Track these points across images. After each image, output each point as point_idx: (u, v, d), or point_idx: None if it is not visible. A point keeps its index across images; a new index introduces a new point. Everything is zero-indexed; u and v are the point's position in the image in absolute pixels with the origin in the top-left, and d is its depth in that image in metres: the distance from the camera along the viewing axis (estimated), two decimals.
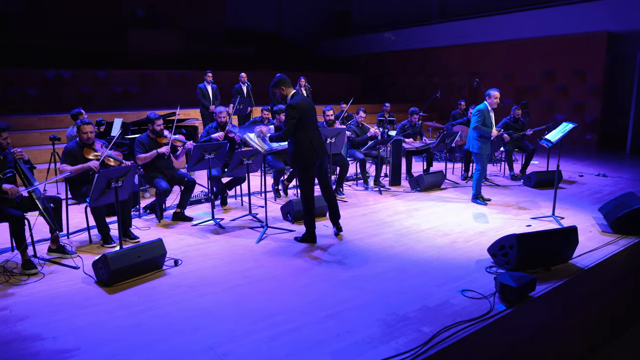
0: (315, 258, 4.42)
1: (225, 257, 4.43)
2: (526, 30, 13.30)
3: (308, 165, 4.61)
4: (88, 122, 4.80)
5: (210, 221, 5.46)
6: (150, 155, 5.36)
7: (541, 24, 12.98)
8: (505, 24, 13.84)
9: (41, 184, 4.32)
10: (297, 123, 4.51)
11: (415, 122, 8.22)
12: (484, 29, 14.40)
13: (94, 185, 4.04)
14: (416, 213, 6.01)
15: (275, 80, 4.66)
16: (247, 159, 5.38)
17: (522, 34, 13.43)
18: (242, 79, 10.18)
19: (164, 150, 5.41)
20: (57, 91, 11.17)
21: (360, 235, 5.12)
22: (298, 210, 5.49)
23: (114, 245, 4.71)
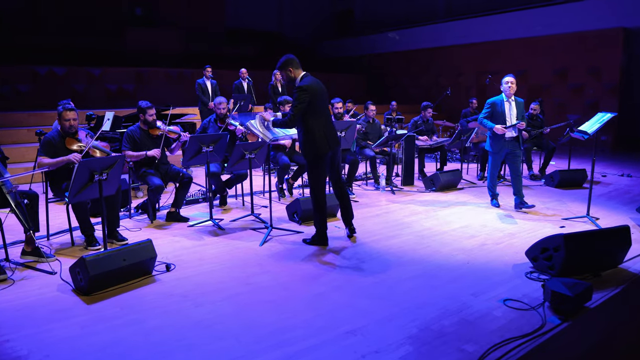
0: (328, 263, 3.86)
1: (225, 262, 3.87)
2: (538, 27, 12.83)
3: (319, 156, 4.06)
4: (71, 107, 4.26)
5: (208, 222, 4.90)
6: (138, 156, 4.81)
7: (553, 21, 12.51)
8: (516, 22, 13.37)
9: (13, 177, 3.76)
10: (308, 108, 3.97)
11: (428, 118, 7.69)
12: (494, 27, 13.94)
13: (74, 178, 3.49)
14: (435, 213, 5.46)
15: (282, 61, 4.13)
16: (249, 153, 4.83)
17: (534, 32, 12.96)
18: (243, 74, 9.66)
19: (153, 154, 4.84)
20: (49, 88, 10.64)
21: (377, 236, 4.56)
22: (306, 210, 4.94)
23: (98, 247, 4.15)
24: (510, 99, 5.41)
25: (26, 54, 11.73)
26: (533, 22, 12.91)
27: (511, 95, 5.39)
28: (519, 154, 5.53)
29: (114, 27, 13.80)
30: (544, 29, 12.69)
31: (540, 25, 12.77)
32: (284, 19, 20.17)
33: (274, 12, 20.00)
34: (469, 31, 14.69)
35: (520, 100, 5.50)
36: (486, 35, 14.25)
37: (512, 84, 5.34)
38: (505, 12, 13.67)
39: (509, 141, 5.44)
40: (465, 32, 14.80)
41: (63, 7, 13.31)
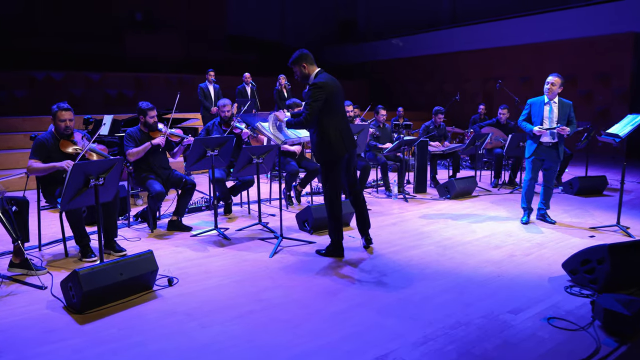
0: (346, 276, 3.52)
1: (233, 275, 3.52)
2: (545, 33, 12.61)
3: (335, 159, 3.74)
4: (67, 107, 3.94)
5: (213, 231, 4.56)
6: (144, 149, 4.49)
7: (561, 26, 12.30)
8: (522, 27, 13.17)
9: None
10: (323, 107, 3.66)
11: (440, 123, 7.39)
12: (500, 32, 13.73)
13: (67, 182, 3.16)
14: (454, 223, 5.13)
15: (296, 56, 3.82)
16: (257, 157, 4.51)
17: (541, 37, 12.74)
18: (246, 79, 9.37)
19: (158, 142, 4.54)
20: (47, 93, 10.33)
21: (395, 247, 4.22)
22: (318, 219, 4.60)
23: (94, 259, 3.81)
24: (552, 100, 4.80)
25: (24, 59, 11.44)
26: (540, 28, 12.70)
27: (553, 96, 4.78)
28: (557, 165, 4.91)
29: (114, 32, 13.55)
30: (551, 34, 12.48)
31: (547, 30, 12.56)
32: (286, 28, 19.99)
33: (276, 20, 19.82)
34: (474, 37, 14.49)
35: (567, 102, 4.84)
36: (492, 41, 14.04)
37: (553, 84, 4.72)
38: (512, 18, 13.47)
39: (546, 148, 4.82)
40: (470, 38, 14.60)
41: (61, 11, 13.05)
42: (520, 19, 13.28)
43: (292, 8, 19.94)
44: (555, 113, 4.78)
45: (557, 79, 4.74)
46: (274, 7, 19.56)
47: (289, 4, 19.87)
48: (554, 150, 4.84)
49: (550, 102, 4.81)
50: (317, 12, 20.29)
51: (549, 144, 4.83)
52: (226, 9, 17.51)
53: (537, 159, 4.90)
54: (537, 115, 4.82)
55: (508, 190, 7.01)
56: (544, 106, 4.81)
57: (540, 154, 4.86)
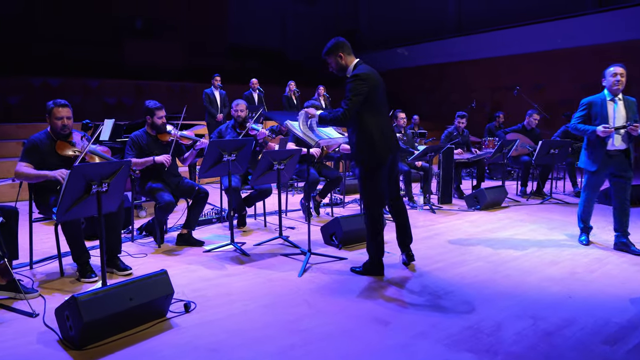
0: (394, 299, 2.98)
1: (260, 298, 2.98)
2: (558, 40, 12.29)
3: (379, 163, 3.24)
4: (64, 103, 3.42)
5: (229, 246, 4.03)
6: (144, 163, 3.96)
7: (575, 34, 11.99)
8: (532, 35, 12.86)
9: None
10: (365, 102, 3.17)
11: (462, 128, 6.93)
12: (509, 41, 13.41)
13: (65, 188, 2.63)
14: (494, 235, 4.62)
15: (331, 44, 3.35)
16: (278, 163, 4.00)
17: (553, 45, 12.42)
18: (253, 85, 8.92)
19: (162, 160, 3.99)
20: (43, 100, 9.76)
21: (439, 263, 3.70)
22: (348, 232, 4.08)
23: (94, 279, 3.26)
24: (616, 96, 3.96)
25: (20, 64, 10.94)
26: (551, 35, 12.39)
27: (618, 91, 3.94)
28: (630, 176, 3.97)
29: (113, 38, 13.10)
30: (564, 42, 12.16)
31: (560, 38, 12.24)
32: (287, 37, 19.68)
33: (277, 29, 19.51)
34: (481, 46, 14.18)
35: (632, 100, 4.02)
36: (500, 50, 13.73)
37: (622, 76, 3.89)
38: (521, 26, 13.16)
39: (614, 156, 3.94)
40: (477, 46, 14.28)
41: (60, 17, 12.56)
42: (530, 27, 12.98)
43: (293, 17, 19.66)
44: (622, 112, 3.92)
45: (624, 69, 3.97)
46: (275, 16, 19.27)
47: (289, 13, 19.60)
48: (625, 159, 3.96)
49: (615, 99, 3.97)
50: (318, 22, 20.01)
51: (618, 152, 3.94)
52: (227, 17, 17.20)
53: (604, 171, 4.01)
54: (600, 116, 3.94)
55: (537, 200, 6.53)
56: (607, 104, 3.96)
57: (609, 163, 3.97)
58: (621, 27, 11.27)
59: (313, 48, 19.46)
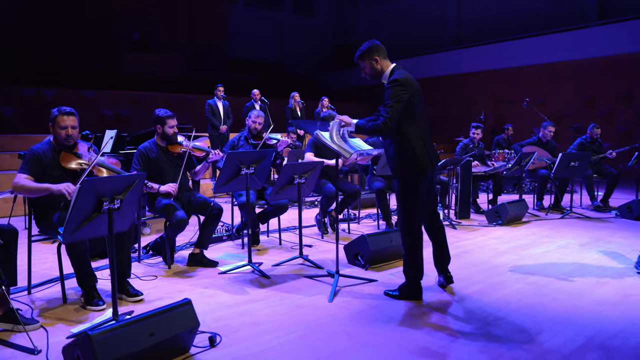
0: (442, 327, 2.68)
1: (292, 328, 2.65)
2: (560, 53, 12.22)
3: (419, 176, 2.96)
4: (69, 111, 3.11)
5: (246, 267, 3.70)
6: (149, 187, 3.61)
7: (577, 46, 11.93)
8: (535, 48, 12.79)
9: None
10: (404, 110, 2.90)
11: (478, 140, 6.70)
12: (511, 53, 13.34)
13: (74, 205, 2.31)
14: (526, 252, 4.34)
15: (365, 47, 3.09)
16: (299, 176, 3.71)
17: (556, 58, 12.35)
18: (255, 96, 8.63)
19: (168, 190, 3.64)
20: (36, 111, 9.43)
21: (477, 285, 3.41)
22: (375, 250, 3.78)
23: (102, 307, 2.91)
24: None
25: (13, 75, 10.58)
26: (555, 48, 12.32)
27: None
28: None
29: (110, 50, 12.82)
30: (566, 54, 12.09)
31: (562, 50, 12.17)
32: (285, 50, 19.55)
33: (275, 42, 19.37)
34: (481, 58, 14.09)
35: None
36: (501, 62, 13.65)
37: None
38: (523, 38, 13.12)
39: None
40: (477, 59, 14.20)
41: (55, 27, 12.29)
42: (532, 39, 12.93)
43: (291, 30, 19.56)
44: None
45: None
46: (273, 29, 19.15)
47: (287, 26, 19.51)
48: None
49: None
50: (316, 35, 19.94)
51: None
52: (226, 31, 17.06)
53: None
54: None
55: (557, 214, 6.28)
56: None
57: None
58: (624, 39, 11.22)
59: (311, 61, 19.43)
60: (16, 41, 11.56)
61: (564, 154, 6.15)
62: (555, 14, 13.14)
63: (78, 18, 12.28)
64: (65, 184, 2.90)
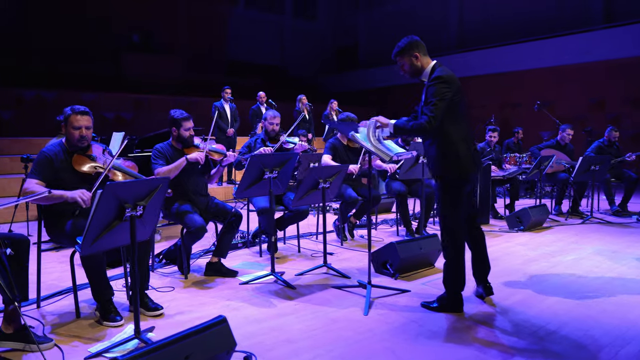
0: (492, 343, 2.47)
1: (329, 344, 2.44)
2: (567, 56, 12.11)
3: (462, 179, 2.77)
4: (84, 110, 2.89)
5: (269, 276, 3.48)
6: (177, 167, 3.42)
7: (583, 49, 11.83)
8: (540, 51, 12.68)
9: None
10: (447, 109, 2.71)
11: (494, 143, 6.52)
12: (516, 57, 13.23)
13: (93, 214, 2.10)
14: (556, 260, 4.15)
15: (404, 44, 2.89)
16: (323, 181, 3.50)
17: (561, 61, 12.24)
18: (261, 98, 8.43)
19: (196, 157, 3.47)
20: (35, 114, 9.20)
21: (516, 295, 3.20)
22: (406, 259, 3.57)
23: (120, 322, 2.68)
24: None
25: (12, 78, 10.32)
26: (562, 51, 12.21)
27: None
28: None
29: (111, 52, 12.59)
30: (575, 57, 11.98)
31: (569, 53, 12.07)
32: (286, 53, 19.38)
33: (276, 45, 19.21)
34: (486, 62, 13.98)
35: None
36: (506, 65, 13.53)
37: None
38: (528, 42, 13.00)
39: None
40: (482, 62, 14.08)
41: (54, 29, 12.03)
42: (537, 43, 12.82)
43: (292, 33, 19.40)
44: None
45: None
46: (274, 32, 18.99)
47: (288, 29, 19.34)
48: None
49: None
50: (317, 38, 19.80)
51: None
52: (226, 34, 16.88)
53: None
54: None
55: (576, 219, 6.10)
56: None
57: None
58: (629, 42, 11.14)
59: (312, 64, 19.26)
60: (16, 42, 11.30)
61: (584, 157, 5.97)
62: (559, 17, 13.05)
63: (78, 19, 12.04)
64: (79, 191, 2.66)
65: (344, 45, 19.90)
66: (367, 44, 18.94)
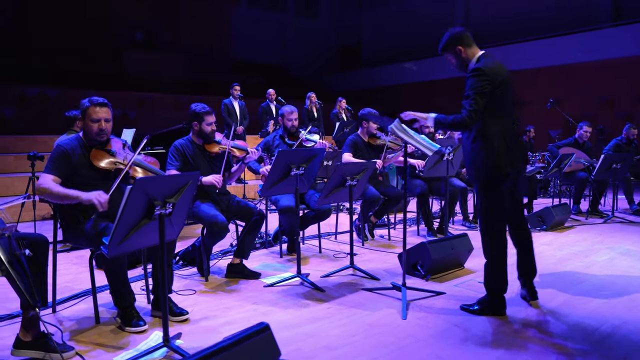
0: (551, 348, 2.30)
1: (372, 351, 2.27)
2: (578, 54, 11.98)
3: (498, 178, 2.63)
4: (102, 102, 2.72)
5: (295, 278, 3.31)
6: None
7: (591, 47, 11.71)
8: (548, 49, 12.55)
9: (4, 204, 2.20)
10: (488, 102, 2.56)
11: None
12: (525, 55, 13.08)
13: (123, 210, 1.93)
14: (588, 260, 3.99)
15: (446, 39, 2.77)
16: (350, 178, 3.34)
17: (569, 59, 12.12)
18: (270, 96, 8.26)
19: (212, 181, 3.26)
20: (38, 112, 9.00)
21: (559, 298, 3.04)
22: (437, 260, 3.40)
23: (143, 328, 2.50)
24: None
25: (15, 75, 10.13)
26: (573, 48, 12.08)
27: None
28: None
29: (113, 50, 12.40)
30: (579, 56, 11.86)
31: (575, 52, 11.94)
32: (288, 52, 19.22)
33: (278, 45, 19.03)
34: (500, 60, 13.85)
35: None
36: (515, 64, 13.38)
37: None
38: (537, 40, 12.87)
39: None
40: None
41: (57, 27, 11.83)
42: (545, 41, 12.70)
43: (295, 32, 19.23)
44: None
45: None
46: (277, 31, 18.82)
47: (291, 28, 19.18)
48: None
49: None
50: (320, 37, 19.63)
51: None
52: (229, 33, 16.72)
53: None
54: None
55: (598, 219, 5.95)
56: None
57: None
58: (638, 41, 11.03)
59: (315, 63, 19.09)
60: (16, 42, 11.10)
61: (606, 155, 5.82)
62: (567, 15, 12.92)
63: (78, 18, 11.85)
64: (96, 193, 2.45)
65: (347, 44, 19.74)
66: (371, 43, 18.79)
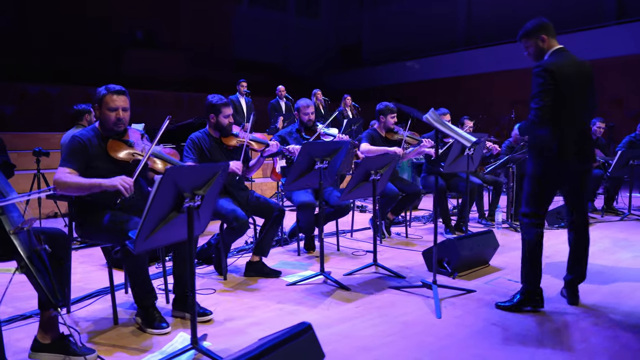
0: (601, 346, 2.18)
1: (412, 352, 2.14)
2: (583, 51, 11.86)
3: (544, 169, 2.55)
4: (120, 90, 2.57)
5: (319, 276, 3.18)
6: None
7: (595, 45, 11.63)
8: None
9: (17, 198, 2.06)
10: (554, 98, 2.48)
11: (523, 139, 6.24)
12: None
13: (152, 202, 1.79)
14: (614, 257, 3.89)
15: (532, 26, 2.68)
16: (374, 172, 3.21)
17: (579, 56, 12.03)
18: (280, 93, 8.15)
19: (234, 169, 3.12)
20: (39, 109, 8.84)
21: (595, 295, 2.93)
22: (465, 257, 3.29)
23: (166, 330, 2.36)
24: None
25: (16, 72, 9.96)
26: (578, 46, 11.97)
27: None
28: None
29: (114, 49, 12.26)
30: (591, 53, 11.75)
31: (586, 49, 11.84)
32: (289, 51, 19.09)
33: (279, 44, 18.91)
34: (498, 58, 13.76)
35: None
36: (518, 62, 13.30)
37: None
38: None
39: None
40: (494, 59, 13.86)
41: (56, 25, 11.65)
42: None
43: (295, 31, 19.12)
44: None
45: None
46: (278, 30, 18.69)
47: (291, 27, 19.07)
48: None
49: None
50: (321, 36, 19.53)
51: None
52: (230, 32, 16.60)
53: None
54: None
55: (614, 216, 5.85)
56: None
57: None
58: None
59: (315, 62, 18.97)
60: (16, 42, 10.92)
61: (623, 152, 5.74)
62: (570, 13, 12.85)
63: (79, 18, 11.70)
64: (119, 178, 2.33)
65: (347, 44, 19.63)
66: (372, 43, 18.69)
